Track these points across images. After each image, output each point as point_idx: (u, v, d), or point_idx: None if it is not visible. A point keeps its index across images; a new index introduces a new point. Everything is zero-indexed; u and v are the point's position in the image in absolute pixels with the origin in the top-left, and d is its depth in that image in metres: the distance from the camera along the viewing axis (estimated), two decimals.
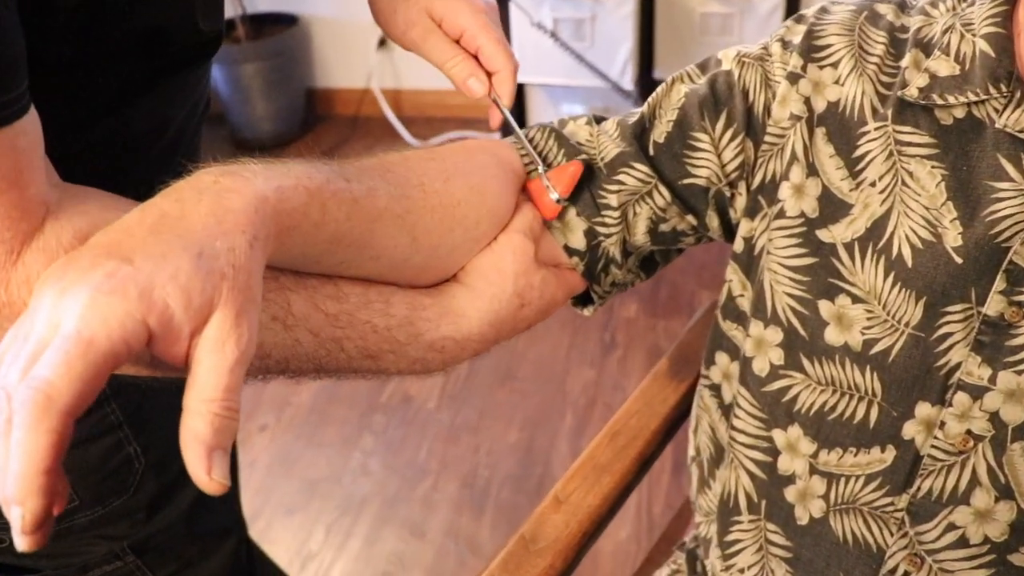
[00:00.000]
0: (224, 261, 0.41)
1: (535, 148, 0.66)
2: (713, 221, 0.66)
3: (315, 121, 3.14)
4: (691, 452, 0.77)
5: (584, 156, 0.65)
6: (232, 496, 0.92)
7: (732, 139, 0.63)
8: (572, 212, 0.65)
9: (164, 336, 0.38)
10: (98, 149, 0.57)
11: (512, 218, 0.64)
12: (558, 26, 2.30)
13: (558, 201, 0.64)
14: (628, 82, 2.34)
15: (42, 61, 0.47)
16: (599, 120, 0.69)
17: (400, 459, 1.84)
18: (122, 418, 0.68)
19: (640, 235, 0.66)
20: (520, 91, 2.57)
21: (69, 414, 0.35)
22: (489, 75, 0.69)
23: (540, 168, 0.64)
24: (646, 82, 2.41)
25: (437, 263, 0.61)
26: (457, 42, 0.69)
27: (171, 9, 0.55)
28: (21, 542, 0.34)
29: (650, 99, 0.67)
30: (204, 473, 0.38)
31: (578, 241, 0.65)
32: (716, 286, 2.22)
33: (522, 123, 0.69)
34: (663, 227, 0.66)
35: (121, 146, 0.60)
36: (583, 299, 0.71)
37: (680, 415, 0.87)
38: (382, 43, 2.90)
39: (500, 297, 0.62)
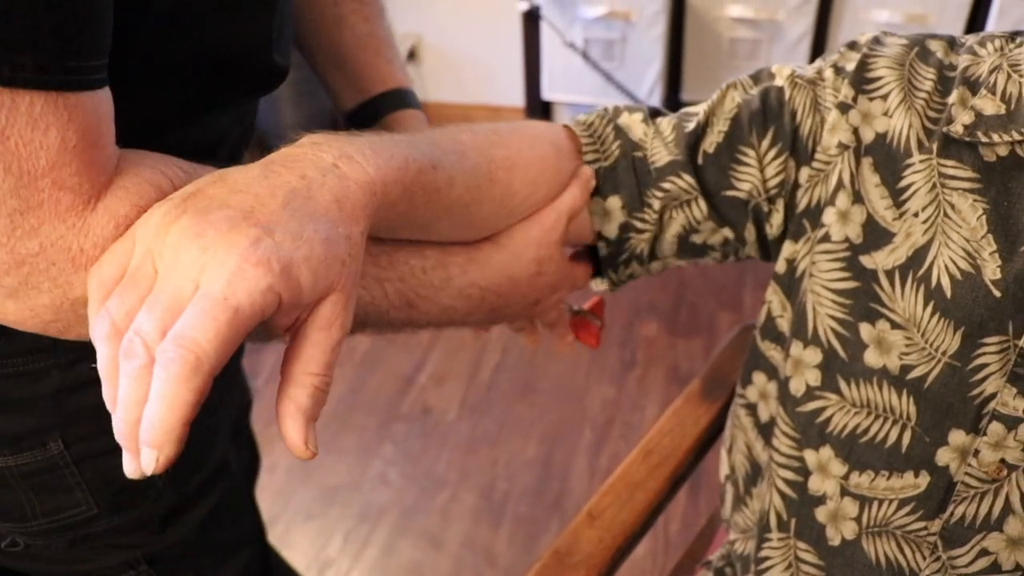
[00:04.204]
0: (343, 249, 0.43)
1: (594, 133, 0.69)
2: (751, 234, 0.68)
3: (342, 130, 3.16)
4: (725, 471, 0.79)
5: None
6: (250, 507, 0.92)
7: (776, 156, 0.65)
8: (618, 202, 0.67)
9: (287, 310, 0.41)
10: None
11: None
12: (589, 46, 2.32)
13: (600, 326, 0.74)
14: (655, 103, 2.36)
15: (119, 66, 0.49)
16: (654, 113, 0.70)
17: (419, 469, 1.85)
18: None
19: (669, 238, 0.68)
20: (548, 108, 2.59)
21: (212, 374, 0.37)
22: None
23: (575, 307, 0.74)
24: (673, 103, 2.43)
25: (480, 238, 0.65)
26: None
27: (252, 36, 0.56)
28: (136, 472, 0.38)
29: (706, 106, 0.68)
30: (302, 442, 0.41)
31: (611, 231, 0.68)
32: (735, 307, 2.23)
33: None
34: (694, 238, 0.68)
35: None
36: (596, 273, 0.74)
37: (711, 436, 0.89)
38: (410, 56, 2.93)
39: (521, 257, 0.65)
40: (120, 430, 0.39)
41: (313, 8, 0.80)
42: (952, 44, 0.64)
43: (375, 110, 0.81)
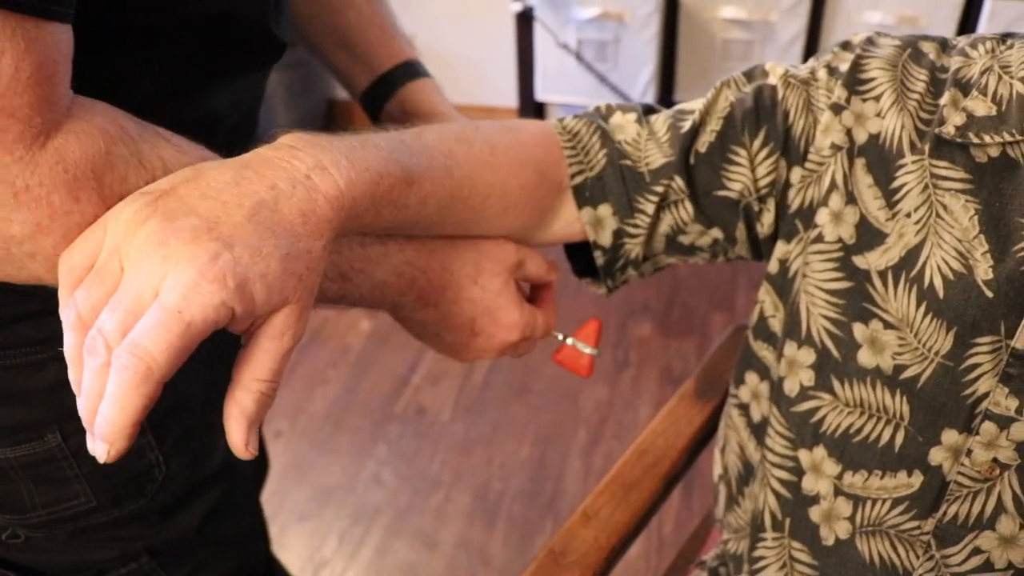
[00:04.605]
0: (303, 264, 0.44)
1: (578, 144, 0.68)
2: (741, 233, 0.68)
3: (335, 131, 3.16)
4: (718, 471, 0.79)
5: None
6: (254, 508, 0.92)
7: (768, 156, 0.65)
8: (608, 210, 0.67)
9: (240, 320, 0.42)
10: None
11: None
12: (582, 47, 2.33)
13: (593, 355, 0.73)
14: None
15: (117, 30, 0.48)
16: (648, 111, 0.70)
17: (413, 470, 1.85)
18: (146, 425, 0.67)
19: (658, 236, 0.69)
20: (541, 109, 2.60)
21: (163, 381, 0.40)
22: None
23: (568, 340, 0.73)
24: (666, 104, 2.41)
25: None
26: None
27: (248, 5, 0.56)
28: (91, 453, 0.41)
29: (702, 106, 0.67)
30: (243, 444, 0.44)
31: (606, 239, 0.68)
32: (728, 307, 2.24)
33: None
34: (682, 238, 0.69)
35: None
36: (589, 273, 0.74)
37: (705, 436, 0.89)
38: None
39: (461, 254, 0.65)
40: (82, 414, 0.42)
41: None
42: (944, 46, 0.64)
43: (390, 84, 0.82)
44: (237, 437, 0.44)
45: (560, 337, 0.73)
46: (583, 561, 0.75)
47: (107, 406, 0.40)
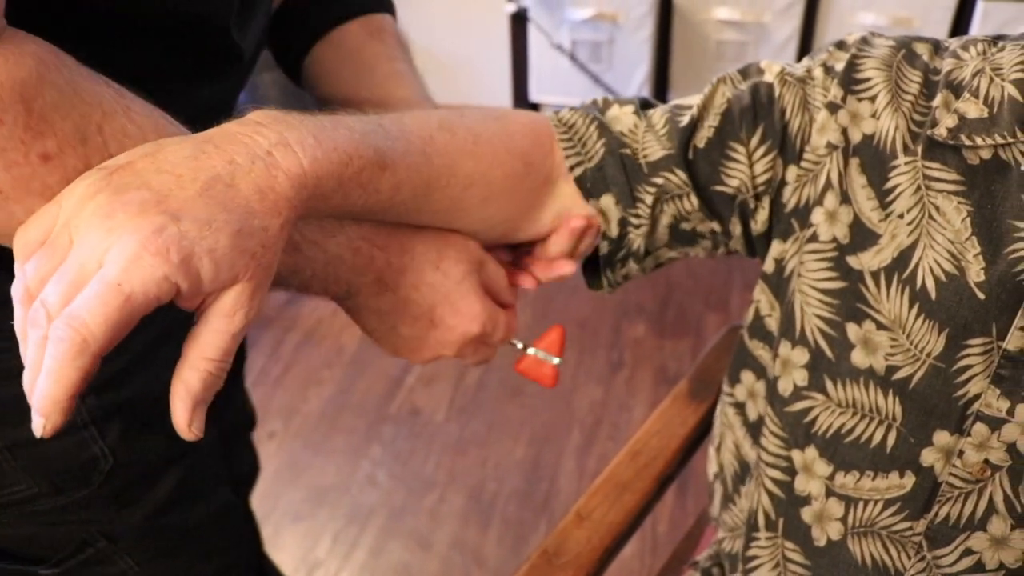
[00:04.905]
0: (256, 241, 0.43)
1: (575, 136, 0.67)
2: (736, 228, 0.68)
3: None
4: (714, 469, 0.79)
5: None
6: (218, 487, 0.89)
7: (765, 154, 0.65)
8: (611, 200, 0.67)
9: (187, 296, 0.42)
10: None
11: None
12: (576, 48, 2.33)
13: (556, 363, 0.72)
14: None
15: (68, 24, 0.48)
16: (645, 105, 0.69)
17: (408, 470, 1.85)
18: (88, 419, 0.67)
19: (661, 228, 0.68)
20: (536, 110, 2.60)
21: (100, 355, 0.39)
22: None
23: (530, 350, 0.72)
24: None
25: None
26: None
27: (209, 3, 0.55)
28: (38, 431, 0.40)
29: (699, 101, 0.67)
30: (185, 424, 0.42)
31: (612, 230, 0.68)
32: (723, 308, 2.24)
33: None
34: (684, 226, 0.68)
35: None
36: (592, 273, 0.73)
37: (699, 436, 0.89)
38: None
39: (425, 238, 0.64)
40: (25, 387, 0.41)
41: (366, 61, 0.81)
42: (937, 47, 0.64)
43: None
44: (180, 416, 0.42)
45: (520, 346, 0.71)
46: (577, 561, 0.75)
47: (43, 379, 0.39)
